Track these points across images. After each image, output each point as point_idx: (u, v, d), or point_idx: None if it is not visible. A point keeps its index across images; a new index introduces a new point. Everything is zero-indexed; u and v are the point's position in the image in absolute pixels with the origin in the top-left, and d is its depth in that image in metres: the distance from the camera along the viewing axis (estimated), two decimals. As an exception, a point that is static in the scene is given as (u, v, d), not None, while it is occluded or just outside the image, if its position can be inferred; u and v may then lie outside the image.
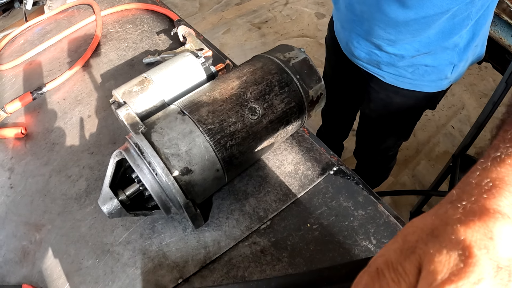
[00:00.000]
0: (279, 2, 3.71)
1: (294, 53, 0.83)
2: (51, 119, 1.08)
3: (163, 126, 0.71)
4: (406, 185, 2.33)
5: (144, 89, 0.80)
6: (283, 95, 0.78)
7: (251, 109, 0.75)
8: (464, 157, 1.72)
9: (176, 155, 0.68)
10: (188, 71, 0.85)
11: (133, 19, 1.32)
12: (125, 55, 1.20)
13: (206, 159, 0.70)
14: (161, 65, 0.86)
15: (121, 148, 0.73)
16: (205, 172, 0.71)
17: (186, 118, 0.72)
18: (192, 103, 0.74)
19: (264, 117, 0.76)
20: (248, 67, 0.81)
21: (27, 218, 0.91)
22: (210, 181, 0.73)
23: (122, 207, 0.73)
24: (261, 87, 0.77)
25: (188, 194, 0.70)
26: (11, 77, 1.24)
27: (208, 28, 3.51)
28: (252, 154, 0.78)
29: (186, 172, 0.69)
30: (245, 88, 0.76)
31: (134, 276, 0.78)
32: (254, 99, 0.75)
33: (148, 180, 0.69)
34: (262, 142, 0.78)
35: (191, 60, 0.86)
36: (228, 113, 0.73)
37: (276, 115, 0.77)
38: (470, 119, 2.63)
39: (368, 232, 0.78)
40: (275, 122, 0.77)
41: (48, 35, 1.34)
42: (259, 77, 0.78)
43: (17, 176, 0.98)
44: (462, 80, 2.85)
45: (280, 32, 3.39)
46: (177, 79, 0.83)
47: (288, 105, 0.78)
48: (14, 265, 0.84)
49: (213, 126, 0.71)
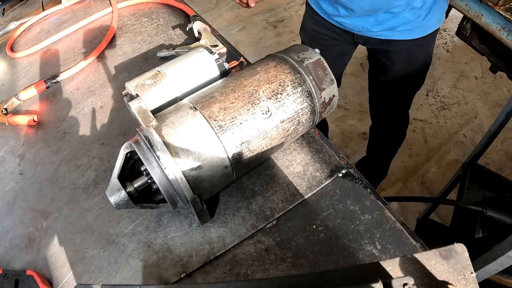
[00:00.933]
0: (296, 1, 3.70)
1: (308, 53, 0.83)
2: (63, 108, 1.08)
3: (174, 121, 0.71)
4: (415, 192, 2.32)
5: (157, 82, 0.80)
6: (296, 95, 0.77)
7: (263, 107, 0.74)
8: (474, 167, 1.71)
9: (185, 150, 0.68)
10: (201, 66, 0.84)
11: (149, 12, 1.32)
12: (139, 48, 1.21)
13: (215, 156, 0.70)
14: (175, 60, 0.86)
15: (131, 141, 0.73)
16: (214, 168, 0.71)
17: (197, 113, 0.71)
18: (204, 99, 0.74)
19: (276, 116, 0.75)
20: (262, 65, 0.81)
21: (34, 205, 0.91)
22: (218, 177, 0.73)
23: (129, 199, 0.73)
24: (274, 86, 0.76)
25: (195, 189, 0.70)
26: (26, 65, 1.25)
27: (224, 25, 3.51)
28: (262, 152, 0.78)
29: (194, 168, 0.69)
30: (257, 86, 0.76)
31: (138, 268, 0.78)
32: (266, 98, 0.75)
33: (156, 174, 0.69)
34: (272, 141, 0.77)
35: (205, 56, 0.86)
36: (240, 111, 0.73)
37: (288, 115, 0.77)
38: (483, 128, 2.61)
39: (373, 237, 0.78)
40: (286, 122, 0.77)
41: (64, 25, 1.35)
42: (272, 76, 0.78)
43: (27, 163, 0.99)
44: (476, 88, 2.83)
45: (295, 31, 3.38)
46: (190, 74, 0.83)
47: (300, 106, 0.78)
48: (19, 251, 0.85)
49: (224, 122, 0.71)
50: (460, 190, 1.73)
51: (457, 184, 1.81)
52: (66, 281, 0.80)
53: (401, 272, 0.52)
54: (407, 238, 0.76)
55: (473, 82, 2.88)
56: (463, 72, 2.94)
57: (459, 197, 1.67)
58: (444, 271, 0.51)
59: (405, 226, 0.79)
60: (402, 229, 0.78)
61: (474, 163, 1.72)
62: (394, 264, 0.52)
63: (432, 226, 1.98)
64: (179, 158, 0.68)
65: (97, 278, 0.79)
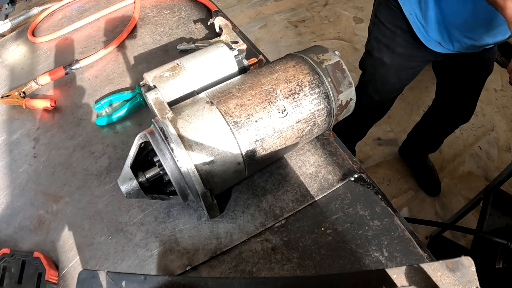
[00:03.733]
0: (318, 2, 3.69)
1: (328, 55, 0.82)
2: (80, 95, 1.09)
3: (190, 114, 0.71)
4: (426, 201, 2.29)
5: (175, 75, 0.80)
6: (313, 96, 0.77)
7: (279, 106, 0.74)
8: (497, 192, 1.66)
9: (199, 144, 0.68)
10: (220, 62, 0.84)
11: (171, 5, 1.33)
12: (160, 40, 1.21)
13: (229, 152, 0.70)
14: (195, 54, 0.86)
15: (146, 131, 0.73)
16: (226, 164, 0.71)
17: (213, 108, 0.71)
18: (221, 94, 0.74)
19: (291, 116, 0.75)
20: (281, 64, 0.81)
21: (46, 188, 0.92)
22: (231, 173, 0.73)
23: (140, 189, 0.73)
24: (292, 85, 0.76)
25: (207, 183, 0.70)
26: (46, 50, 1.26)
27: (245, 22, 3.51)
28: (276, 151, 0.78)
29: (207, 162, 0.69)
30: (275, 85, 0.76)
31: (144, 258, 0.79)
32: (283, 97, 0.75)
33: (169, 165, 0.70)
34: (286, 140, 0.77)
35: (224, 51, 0.86)
36: (256, 108, 0.73)
37: (304, 115, 0.76)
38: (499, 142, 2.57)
39: (381, 243, 0.77)
40: (301, 122, 0.77)
41: (86, 13, 1.36)
42: (290, 76, 0.77)
43: (42, 147, 1.00)
44: (494, 101, 2.79)
45: (316, 32, 3.38)
46: (209, 69, 0.83)
47: (317, 107, 0.77)
48: (28, 232, 0.86)
49: (240, 119, 0.71)
50: (481, 216, 1.65)
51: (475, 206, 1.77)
52: (72, 265, 0.80)
53: (406, 281, 0.51)
54: (415, 248, 0.76)
55: (492, 94, 2.84)
56: (482, 84, 2.91)
57: (480, 223, 1.61)
58: (450, 284, 0.51)
59: (413, 235, 0.78)
60: (410, 238, 0.77)
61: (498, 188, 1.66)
62: (400, 273, 0.52)
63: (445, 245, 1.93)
64: (192, 152, 0.68)
65: (103, 265, 0.79)
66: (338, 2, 3.66)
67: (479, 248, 1.56)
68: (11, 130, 1.06)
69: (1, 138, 1.05)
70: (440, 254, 1.73)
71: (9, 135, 1.05)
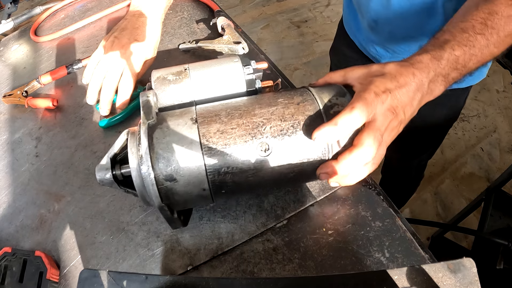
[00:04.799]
0: (321, 2, 3.69)
1: (342, 100, 0.72)
2: (82, 95, 1.09)
3: (169, 126, 0.68)
4: (427, 202, 2.30)
5: (178, 81, 0.79)
6: (306, 142, 0.69)
7: (263, 144, 0.68)
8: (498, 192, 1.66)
9: (166, 159, 0.66)
10: (229, 78, 0.80)
11: (173, 5, 1.33)
12: (162, 39, 1.21)
13: (194, 176, 0.67)
14: (205, 63, 0.83)
15: (131, 129, 0.73)
16: (190, 186, 0.68)
17: (194, 127, 0.68)
18: (209, 114, 0.70)
19: (274, 158, 0.68)
20: (286, 97, 0.73)
21: (48, 188, 0.92)
22: (193, 196, 0.70)
23: (113, 181, 0.72)
24: (285, 125, 0.69)
25: (165, 199, 0.68)
26: (48, 50, 1.26)
27: (248, 22, 3.52)
28: (249, 188, 0.73)
29: (169, 179, 0.66)
30: (268, 119, 0.69)
31: (145, 257, 0.79)
32: (271, 135, 0.68)
33: (134, 170, 0.68)
34: (263, 181, 0.71)
35: (236, 68, 0.81)
36: (236, 140, 0.67)
37: (289, 161, 0.69)
38: (501, 143, 2.57)
39: (382, 244, 0.77)
40: (285, 168, 0.70)
41: (89, 12, 1.36)
42: (288, 114, 0.70)
43: (44, 146, 1.00)
44: (496, 102, 2.80)
45: (319, 33, 3.38)
46: (215, 82, 0.80)
47: (307, 155, 0.70)
48: (30, 231, 0.86)
49: (215, 146, 0.67)
50: (482, 217, 1.66)
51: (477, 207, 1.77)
52: (73, 265, 0.80)
53: (408, 282, 0.51)
54: (417, 249, 0.75)
55: (495, 95, 2.84)
56: (485, 85, 2.91)
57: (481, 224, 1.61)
58: (451, 285, 0.51)
59: (415, 236, 0.78)
60: (412, 239, 0.77)
61: (499, 189, 1.66)
62: (401, 274, 0.52)
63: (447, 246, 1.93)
64: (158, 165, 0.66)
65: (104, 264, 0.80)
66: (341, 3, 3.64)
67: (480, 249, 1.56)
68: (13, 129, 1.06)
69: (3, 137, 1.05)
70: (441, 255, 1.73)
71: (11, 134, 1.05)
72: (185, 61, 1.10)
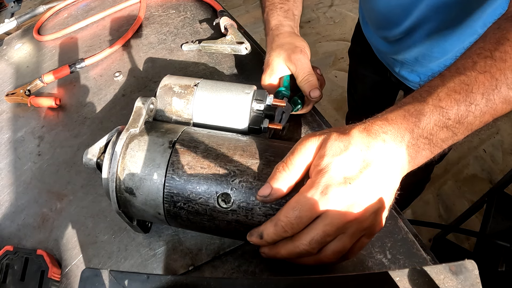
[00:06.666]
0: (324, 3, 3.69)
1: None
2: (85, 94, 1.10)
3: (148, 141, 0.67)
4: (429, 204, 2.29)
5: (182, 96, 0.77)
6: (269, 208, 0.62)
7: (226, 195, 0.62)
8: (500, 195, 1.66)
9: (131, 174, 0.65)
10: (233, 109, 0.75)
11: (177, 4, 1.33)
12: (165, 39, 1.21)
13: (151, 199, 0.65)
14: (216, 85, 0.78)
15: (121, 127, 0.72)
16: (146, 206, 0.66)
17: (167, 151, 0.65)
18: (190, 143, 0.67)
19: (234, 214, 0.63)
20: (274, 154, 0.66)
21: (50, 186, 0.92)
22: (150, 215, 0.69)
23: (96, 169, 0.72)
24: (256, 184, 0.62)
25: (124, 207, 0.68)
26: (52, 49, 1.27)
27: (250, 22, 3.52)
28: (204, 230, 0.70)
29: (129, 192, 0.66)
30: (241, 172, 0.63)
31: (147, 257, 0.79)
32: (237, 190, 0.62)
33: (105, 168, 0.67)
34: (218, 230, 0.68)
35: (244, 100, 0.75)
36: (200, 181, 0.63)
37: (249, 220, 0.63)
38: (504, 145, 2.57)
39: (384, 246, 0.77)
40: (241, 227, 0.64)
41: (92, 12, 1.36)
42: (266, 174, 0.62)
43: (46, 145, 1.00)
44: (499, 104, 2.78)
45: (321, 33, 3.38)
46: (217, 110, 0.76)
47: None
48: (32, 229, 0.86)
49: (179, 178, 0.63)
50: (484, 219, 1.66)
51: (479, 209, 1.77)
52: (75, 264, 0.80)
53: (409, 283, 0.51)
54: (418, 250, 0.75)
55: (497, 97, 2.84)
56: (488, 87, 2.90)
57: (483, 226, 1.61)
58: (453, 287, 0.51)
59: (417, 238, 0.78)
60: (414, 240, 0.77)
61: (501, 191, 1.66)
62: (402, 275, 0.51)
63: (449, 247, 1.93)
64: (123, 175, 0.65)
65: (105, 263, 0.79)
66: (344, 3, 3.67)
67: (482, 251, 1.56)
68: (15, 128, 1.06)
69: (6, 136, 1.05)
70: (443, 257, 1.73)
71: (14, 133, 1.05)
72: (188, 59, 1.10)
